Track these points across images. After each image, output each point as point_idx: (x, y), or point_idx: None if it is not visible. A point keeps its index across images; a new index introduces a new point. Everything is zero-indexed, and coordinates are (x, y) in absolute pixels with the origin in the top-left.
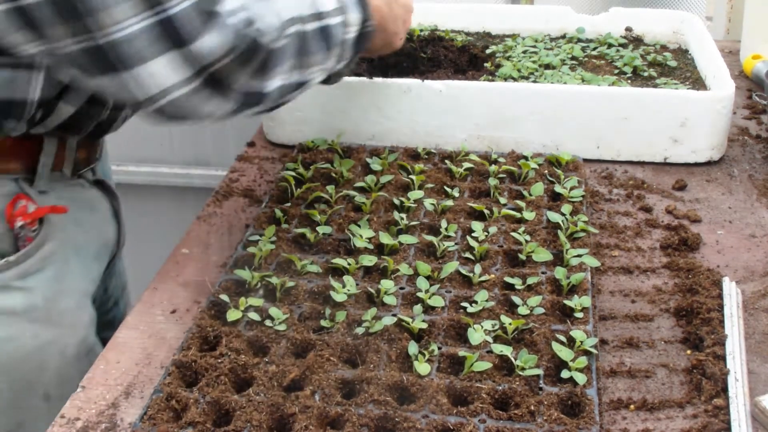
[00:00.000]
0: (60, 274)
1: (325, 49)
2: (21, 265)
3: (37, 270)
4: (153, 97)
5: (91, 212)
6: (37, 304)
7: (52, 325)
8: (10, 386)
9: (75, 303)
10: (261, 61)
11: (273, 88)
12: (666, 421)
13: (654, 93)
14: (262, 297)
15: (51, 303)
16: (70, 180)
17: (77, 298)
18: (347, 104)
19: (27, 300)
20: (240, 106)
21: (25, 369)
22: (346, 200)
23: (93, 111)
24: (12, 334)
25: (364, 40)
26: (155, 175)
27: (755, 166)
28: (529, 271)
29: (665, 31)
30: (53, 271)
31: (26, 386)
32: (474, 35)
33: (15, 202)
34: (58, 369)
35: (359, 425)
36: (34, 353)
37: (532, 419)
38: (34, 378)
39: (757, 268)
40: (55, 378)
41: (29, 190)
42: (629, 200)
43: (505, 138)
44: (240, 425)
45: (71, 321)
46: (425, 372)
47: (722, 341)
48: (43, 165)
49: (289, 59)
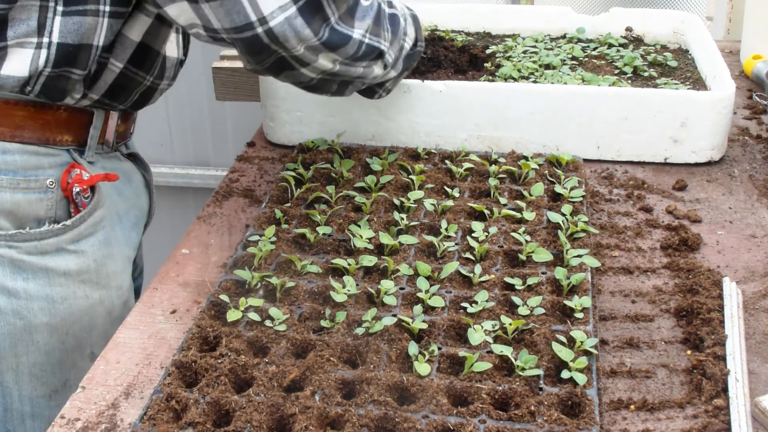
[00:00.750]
0: (108, 239)
1: (392, 33)
2: (75, 229)
3: (89, 234)
4: (264, 18)
5: (128, 183)
6: (89, 266)
7: (101, 286)
8: (61, 345)
9: (120, 267)
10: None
11: (357, 37)
12: (666, 421)
13: (654, 93)
14: (262, 297)
15: (100, 265)
16: (110, 152)
17: (121, 262)
18: (347, 104)
19: (80, 262)
20: (329, 41)
21: (77, 328)
22: (346, 200)
23: (138, 77)
24: (66, 294)
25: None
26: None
27: (755, 167)
28: (530, 272)
29: (665, 31)
30: (103, 235)
31: (76, 345)
32: (474, 35)
33: (70, 171)
34: (105, 328)
35: (359, 425)
36: (84, 313)
37: (532, 419)
38: (83, 337)
39: (758, 269)
40: (102, 337)
41: (80, 160)
42: (629, 200)
43: (505, 138)
44: (240, 425)
45: (117, 283)
46: (425, 372)
47: (722, 341)
48: (92, 137)
49: (370, 19)
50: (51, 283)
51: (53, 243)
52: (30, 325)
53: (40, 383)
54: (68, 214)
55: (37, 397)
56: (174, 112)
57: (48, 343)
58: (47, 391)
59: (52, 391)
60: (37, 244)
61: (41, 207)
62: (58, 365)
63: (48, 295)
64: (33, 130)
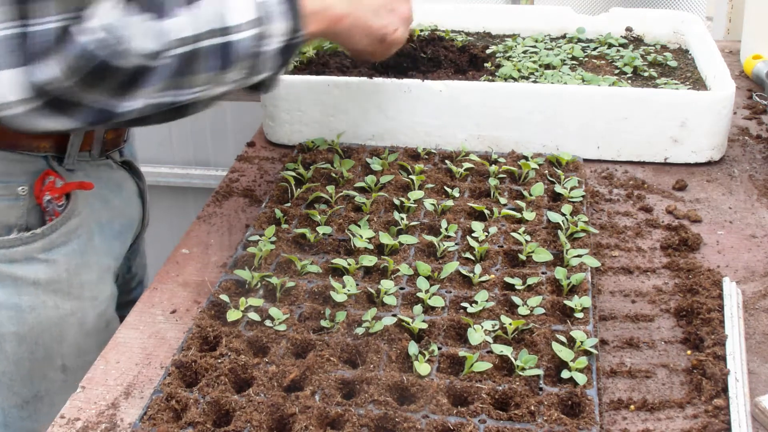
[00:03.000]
0: (83, 249)
1: (219, 67)
2: (47, 238)
3: (62, 243)
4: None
5: (117, 192)
6: (60, 276)
7: (73, 297)
8: (30, 356)
9: (96, 277)
10: (120, 81)
11: (131, 109)
12: (666, 421)
13: (654, 93)
14: (262, 297)
15: (73, 275)
16: (98, 160)
17: (98, 272)
18: (347, 104)
19: (51, 271)
20: (89, 122)
21: (46, 339)
22: (346, 200)
23: None
24: (35, 304)
25: (293, 49)
26: (155, 175)
27: (755, 167)
28: (529, 272)
29: (665, 31)
30: (77, 245)
31: (45, 356)
32: (474, 35)
33: (44, 178)
34: (77, 340)
35: (359, 425)
36: (54, 323)
37: (532, 419)
38: (53, 348)
39: (758, 269)
40: (74, 349)
41: (58, 167)
42: (629, 200)
43: (505, 138)
44: (240, 425)
45: (91, 294)
46: (425, 372)
47: (722, 341)
48: (72, 144)
49: (163, 80)
50: (19, 292)
51: (22, 251)
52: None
53: (11, 393)
54: (41, 222)
55: (8, 407)
56: None
57: (17, 353)
58: (18, 401)
59: (24, 402)
60: (5, 251)
61: (11, 214)
62: (28, 376)
63: (16, 304)
64: (7, 137)
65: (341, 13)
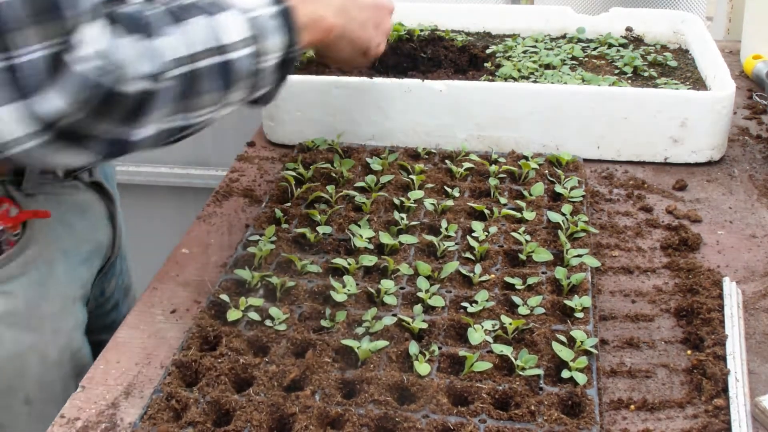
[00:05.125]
0: (43, 279)
1: (223, 87)
2: (2, 269)
3: (20, 274)
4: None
5: (82, 215)
6: (19, 309)
7: (33, 330)
8: None
9: (59, 307)
10: (127, 109)
11: (144, 136)
12: (666, 421)
13: (654, 93)
14: (262, 297)
15: (33, 308)
16: (63, 181)
17: (61, 302)
18: (347, 104)
19: (8, 304)
20: (105, 154)
21: (7, 372)
22: (346, 200)
23: None
24: None
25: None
26: (155, 175)
27: (756, 166)
28: (530, 271)
29: (665, 31)
30: (36, 275)
31: (6, 390)
32: (474, 35)
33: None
34: (39, 374)
35: (359, 425)
36: (14, 358)
37: (532, 419)
38: (14, 382)
39: (758, 268)
40: (36, 383)
41: (15, 193)
42: (629, 200)
43: (506, 138)
44: (240, 425)
45: (53, 326)
46: (425, 372)
47: (722, 341)
48: (30, 168)
49: (170, 103)
50: None
51: None
52: None
53: None
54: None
55: None
56: None
57: None
58: None
59: None
60: None
61: None
62: None
63: None
64: None
65: (333, 23)
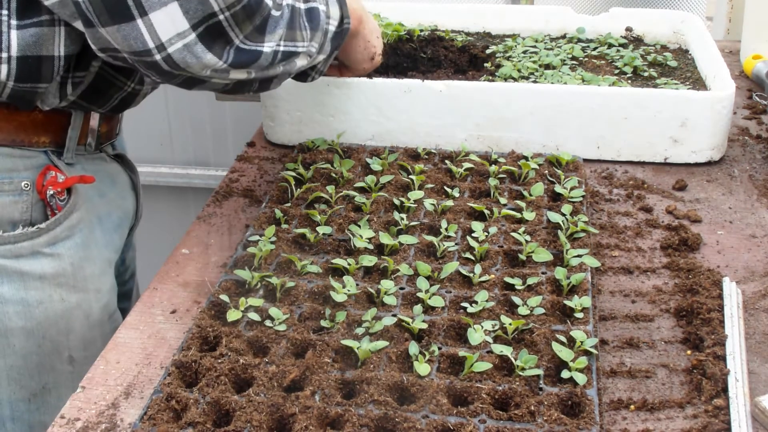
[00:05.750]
0: (86, 242)
1: (311, 29)
2: (51, 232)
3: (66, 237)
4: (162, 44)
5: (112, 184)
6: (65, 270)
7: (78, 290)
8: (38, 350)
9: (99, 270)
10: (261, 20)
11: (268, 51)
12: (666, 421)
13: (654, 93)
14: (262, 297)
15: (77, 269)
16: (93, 153)
17: (101, 265)
18: (347, 104)
19: (56, 265)
20: (236, 62)
21: (53, 332)
22: (346, 200)
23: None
24: (42, 298)
25: (342, 36)
26: (155, 175)
27: (755, 167)
28: (529, 272)
29: (665, 31)
30: (80, 238)
31: (53, 349)
32: (474, 35)
33: (45, 173)
34: (83, 332)
35: (359, 425)
36: (61, 316)
37: (532, 419)
38: (60, 341)
39: (758, 269)
40: (80, 341)
41: (58, 162)
42: (629, 200)
43: (505, 138)
44: (240, 425)
45: (96, 286)
46: (425, 372)
47: (722, 341)
48: (70, 138)
49: (282, 28)
50: (26, 286)
51: (28, 246)
52: (6, 328)
53: (19, 386)
54: (45, 216)
55: (16, 401)
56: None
57: (25, 347)
58: (26, 394)
59: (32, 395)
60: (11, 247)
61: (16, 210)
62: (36, 369)
63: (23, 299)
64: (7, 132)
65: (362, 17)
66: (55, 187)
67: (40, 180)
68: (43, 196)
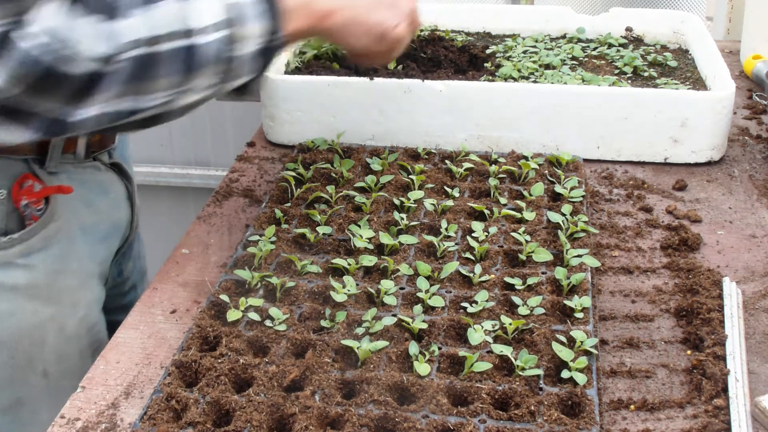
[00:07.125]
0: (64, 253)
1: (183, 72)
2: (25, 243)
3: (41, 248)
4: None
5: (103, 194)
6: (39, 282)
7: (53, 302)
8: (10, 361)
9: (77, 282)
10: (71, 89)
11: (86, 117)
12: (666, 421)
13: (654, 93)
14: (262, 297)
15: (52, 281)
16: (84, 162)
17: (80, 277)
18: (347, 104)
19: (29, 277)
20: (44, 133)
21: (25, 344)
22: (346, 200)
23: None
24: (13, 310)
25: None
26: (155, 175)
27: (755, 167)
28: (529, 272)
29: (665, 31)
30: (57, 249)
31: (26, 362)
32: (474, 35)
33: (21, 182)
34: (58, 346)
35: (359, 425)
36: (34, 329)
37: (532, 419)
38: (33, 354)
39: (758, 269)
40: (54, 355)
41: (39, 170)
42: (629, 200)
43: (505, 138)
44: (240, 425)
45: (72, 299)
46: (425, 372)
47: (722, 341)
48: (53, 147)
49: (118, 86)
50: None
51: (1, 256)
52: None
53: None
54: (21, 226)
55: None
56: None
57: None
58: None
59: (5, 407)
60: None
61: None
62: (8, 381)
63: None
64: None
65: (328, 8)
66: (29, 196)
67: (15, 189)
68: (17, 205)
